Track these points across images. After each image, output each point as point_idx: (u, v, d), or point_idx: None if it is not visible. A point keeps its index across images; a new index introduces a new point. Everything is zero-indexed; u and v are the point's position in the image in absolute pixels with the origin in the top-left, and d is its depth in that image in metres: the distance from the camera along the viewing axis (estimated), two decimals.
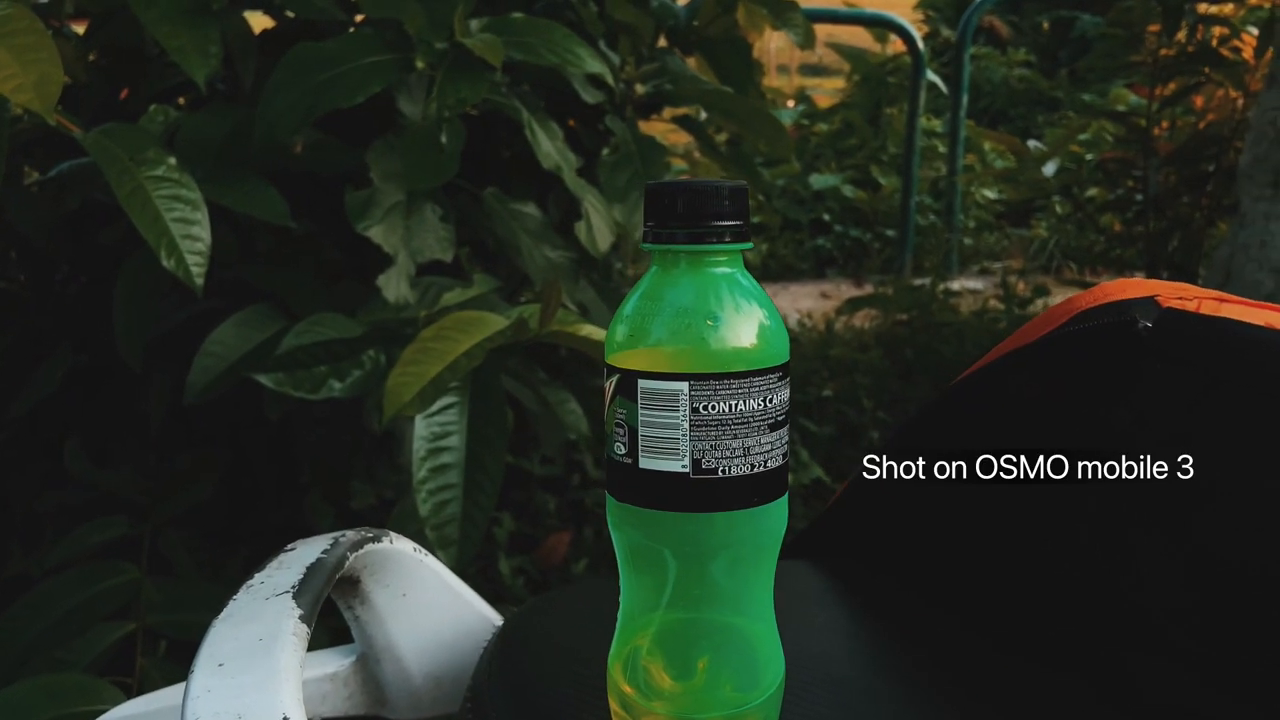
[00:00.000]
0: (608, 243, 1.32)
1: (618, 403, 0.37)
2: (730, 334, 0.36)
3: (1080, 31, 7.46)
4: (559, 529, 1.80)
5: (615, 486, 0.38)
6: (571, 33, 1.29)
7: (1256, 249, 1.87)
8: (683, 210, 0.36)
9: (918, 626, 0.49)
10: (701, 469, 0.36)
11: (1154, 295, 0.49)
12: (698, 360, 0.35)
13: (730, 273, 0.37)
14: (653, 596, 0.38)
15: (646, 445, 0.36)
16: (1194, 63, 1.96)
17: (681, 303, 0.36)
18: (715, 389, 0.35)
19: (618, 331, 0.38)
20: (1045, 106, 6.42)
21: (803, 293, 3.20)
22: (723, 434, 0.35)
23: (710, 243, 0.36)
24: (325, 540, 0.50)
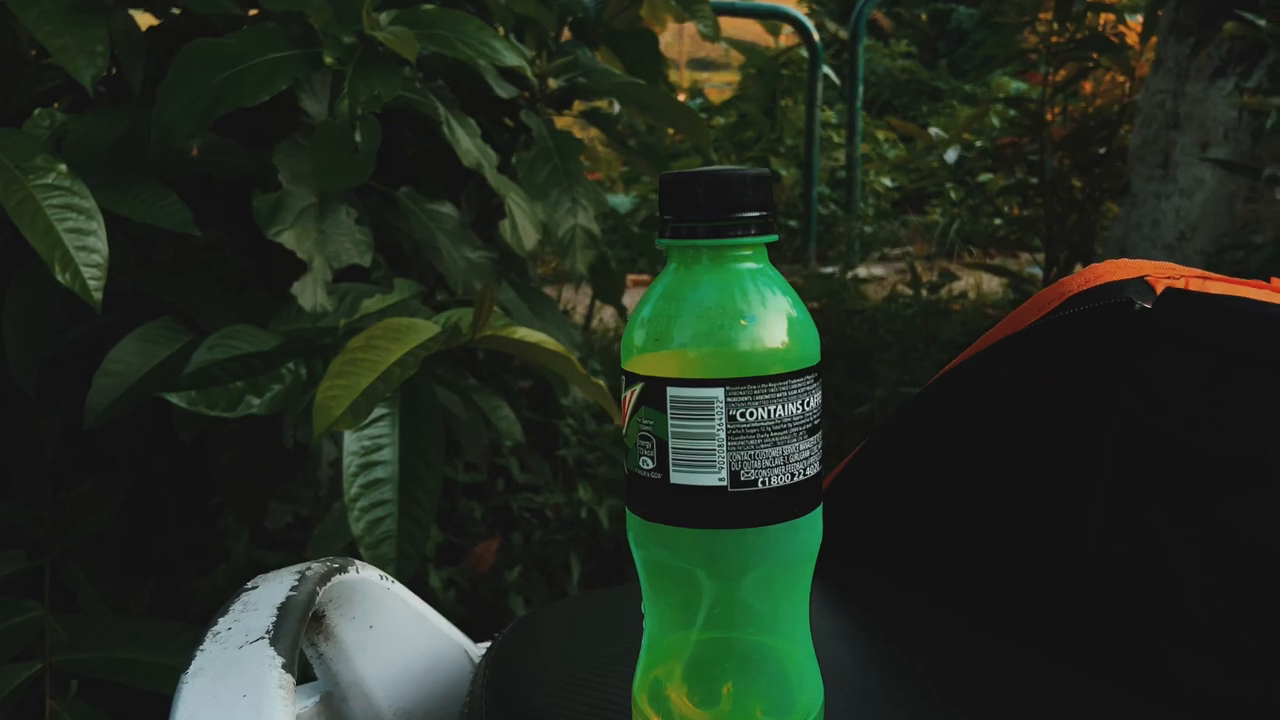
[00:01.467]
0: (533, 241, 1.28)
1: (642, 413, 0.34)
2: (766, 334, 0.33)
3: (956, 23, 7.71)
4: (486, 536, 1.75)
5: (642, 504, 0.35)
6: (485, 24, 1.25)
7: (1149, 227, 1.95)
8: (704, 202, 0.33)
9: (930, 630, 0.47)
10: (740, 481, 0.33)
11: (1143, 275, 0.49)
12: (733, 364, 0.33)
13: (758, 268, 0.34)
14: (680, 619, 0.36)
15: (679, 458, 0.33)
16: (1084, 49, 2.03)
17: (709, 302, 0.34)
18: (753, 394, 0.33)
19: (637, 335, 0.35)
20: (929, 96, 6.61)
21: None
22: (762, 442, 0.33)
23: (735, 236, 0.34)
24: (290, 575, 0.46)
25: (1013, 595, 0.50)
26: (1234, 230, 1.82)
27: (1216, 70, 1.79)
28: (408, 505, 1.02)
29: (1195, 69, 1.83)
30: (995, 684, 0.42)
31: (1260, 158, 1.74)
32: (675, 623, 0.36)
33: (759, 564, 0.34)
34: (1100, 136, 2.08)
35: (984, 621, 0.48)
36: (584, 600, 0.55)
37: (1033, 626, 0.47)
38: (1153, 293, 0.47)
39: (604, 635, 0.50)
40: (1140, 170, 1.96)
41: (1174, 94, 1.87)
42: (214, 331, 1.04)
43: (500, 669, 0.47)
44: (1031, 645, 0.46)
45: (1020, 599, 0.50)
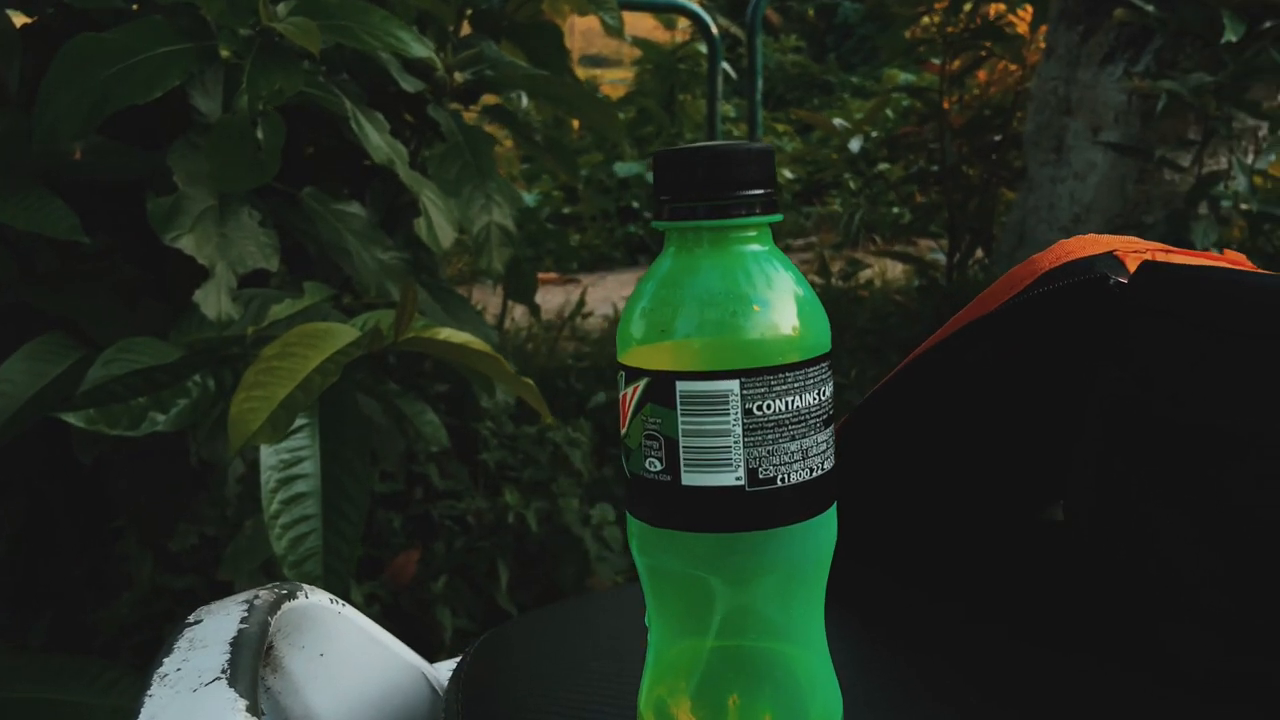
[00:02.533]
0: (450, 239, 1.24)
1: (647, 411, 0.31)
2: (781, 320, 0.31)
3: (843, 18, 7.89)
4: (406, 547, 1.69)
5: (649, 510, 0.32)
6: (390, 15, 1.20)
7: (1046, 210, 2.01)
8: (705, 180, 0.31)
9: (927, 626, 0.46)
10: (759, 479, 0.31)
11: (1112, 250, 0.48)
12: (748, 353, 0.30)
13: (764, 250, 0.32)
14: (689, 628, 0.33)
15: (692, 458, 0.31)
16: (977, 38, 2.08)
17: (716, 287, 0.31)
18: (770, 385, 0.30)
19: (636, 326, 0.32)
20: (820, 90, 6.74)
21: (620, 281, 3.18)
22: (781, 436, 0.31)
23: (739, 215, 0.31)
24: (236, 606, 0.42)
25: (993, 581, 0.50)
26: (1126, 211, 1.89)
27: (1106, 56, 1.85)
28: (333, 519, 0.97)
29: (1085, 56, 1.89)
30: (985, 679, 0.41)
31: (1149, 140, 1.81)
32: (683, 632, 0.33)
33: (776, 568, 0.31)
34: (996, 124, 2.14)
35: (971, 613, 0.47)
36: (547, 614, 0.52)
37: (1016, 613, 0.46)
38: (1123, 267, 0.47)
39: (576, 649, 0.47)
40: (1035, 155, 2.02)
41: (1066, 80, 1.93)
42: (108, 345, 0.97)
43: (474, 691, 0.44)
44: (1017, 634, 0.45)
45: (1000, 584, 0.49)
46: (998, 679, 0.41)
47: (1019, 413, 0.50)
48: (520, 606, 1.54)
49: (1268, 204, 1.69)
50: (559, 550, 1.51)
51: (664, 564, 0.32)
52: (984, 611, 0.47)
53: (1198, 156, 1.75)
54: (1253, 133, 1.75)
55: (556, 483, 1.54)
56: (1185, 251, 0.50)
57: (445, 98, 1.49)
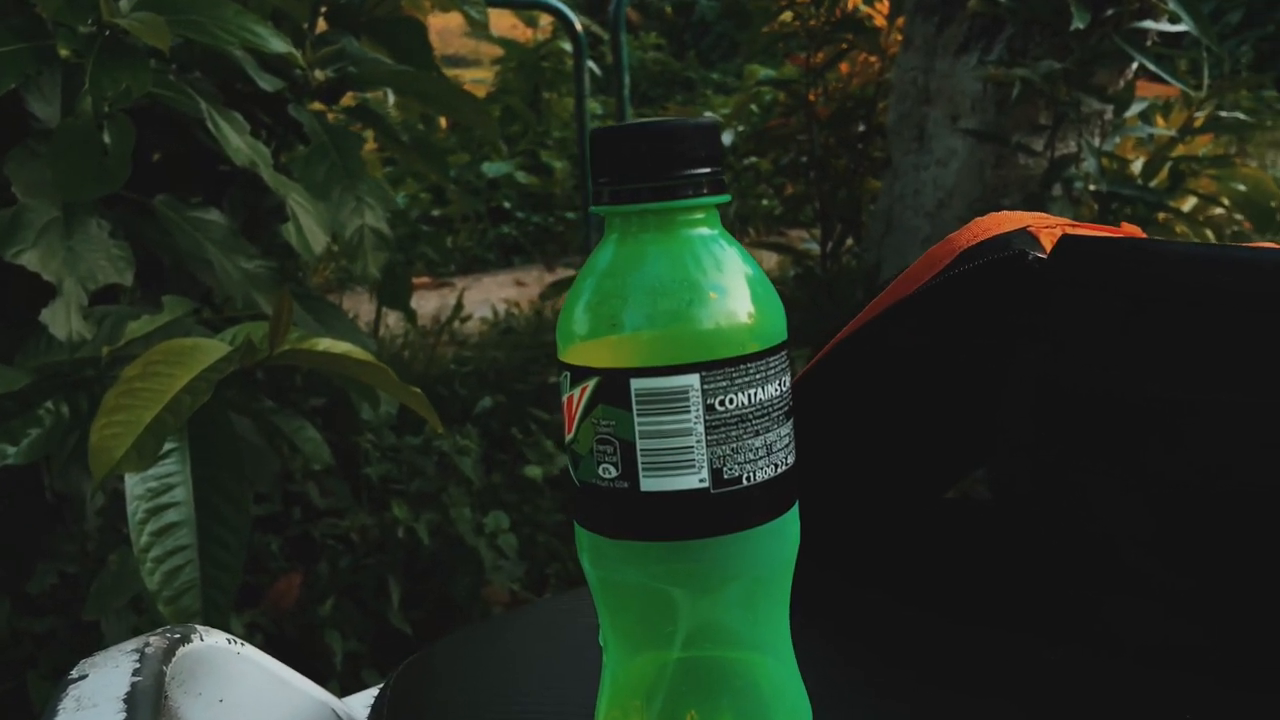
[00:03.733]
0: (322, 244, 1.17)
1: (598, 414, 0.28)
2: (738, 307, 0.29)
3: (700, 15, 7.99)
4: (286, 571, 1.61)
5: (604, 520, 0.29)
6: (244, 9, 1.13)
7: (911, 198, 2.06)
8: (649, 159, 0.29)
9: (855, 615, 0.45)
10: (724, 480, 0.28)
11: (1025, 226, 0.48)
12: (707, 344, 0.28)
13: (714, 233, 0.30)
14: (648, 644, 0.31)
15: (650, 461, 0.28)
16: (838, 31, 2.12)
17: (667, 275, 0.29)
18: (732, 377, 0.28)
19: (579, 321, 0.29)
20: (681, 86, 6.80)
21: (496, 283, 3.13)
22: (744, 432, 0.28)
23: (686, 196, 0.29)
24: (125, 657, 0.37)
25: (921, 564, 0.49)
26: (985, 195, 1.96)
27: (961, 46, 1.92)
28: (210, 549, 0.91)
29: (942, 46, 1.95)
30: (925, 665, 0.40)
31: (1005, 126, 1.88)
32: (641, 647, 0.31)
33: (742, 573, 0.29)
34: (860, 115, 2.19)
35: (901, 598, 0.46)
36: (470, 636, 0.49)
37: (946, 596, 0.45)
38: (1038, 242, 0.47)
39: (507, 673, 0.44)
40: (899, 144, 2.08)
41: (924, 70, 1.99)
42: None
43: None
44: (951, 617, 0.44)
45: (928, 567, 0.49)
46: (937, 664, 0.40)
47: (940, 393, 0.50)
48: (414, 624, 1.49)
49: (1115, 184, 1.78)
50: (452, 562, 1.46)
51: (621, 577, 0.30)
52: (914, 595, 0.46)
53: (1050, 141, 1.83)
54: (1099, 116, 1.84)
55: (447, 493, 1.49)
56: (1090, 225, 0.51)
57: (306, 97, 1.42)
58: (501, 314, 2.43)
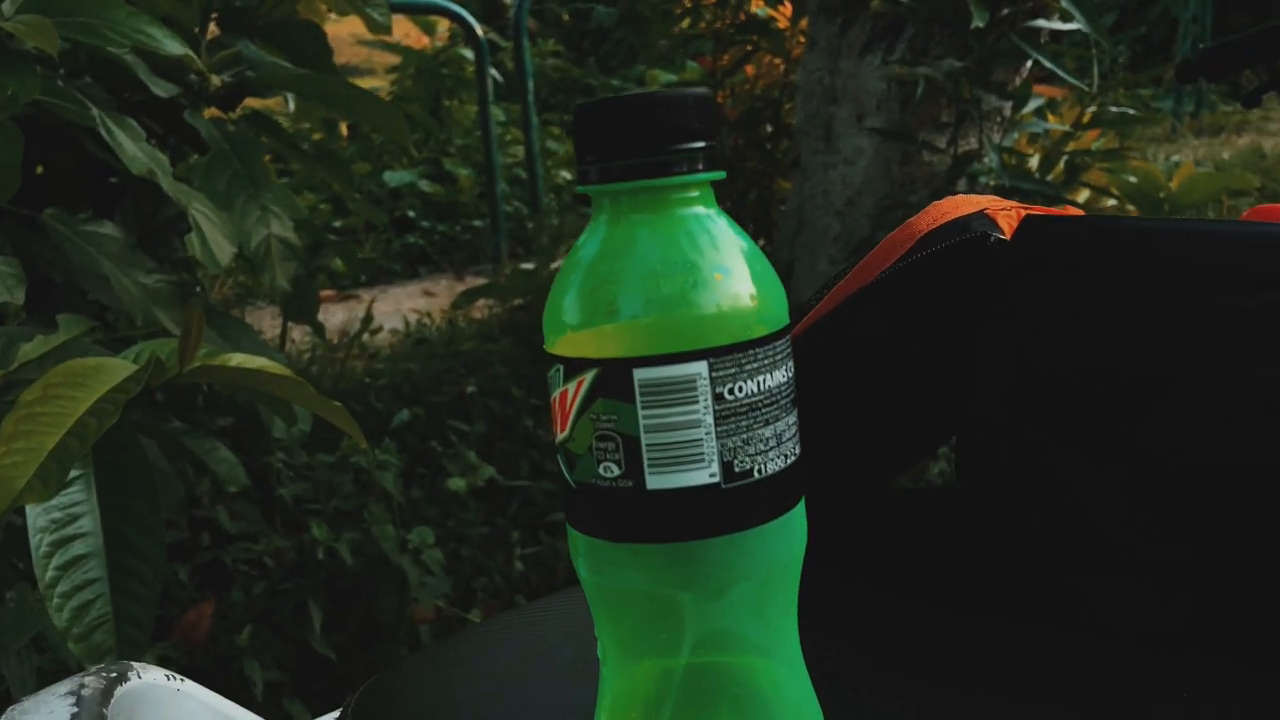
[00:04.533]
0: (229, 255, 1.12)
1: (598, 408, 0.26)
2: (743, 289, 0.27)
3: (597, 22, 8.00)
4: (197, 600, 1.53)
5: (607, 523, 0.27)
6: (137, 10, 1.07)
7: (821, 196, 2.09)
8: (641, 133, 0.27)
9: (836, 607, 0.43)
10: (735, 473, 0.27)
11: (982, 209, 0.48)
12: (714, 329, 0.26)
13: (710, 211, 0.28)
14: (649, 652, 0.29)
15: (657, 457, 0.26)
16: (743, 33, 2.14)
17: (667, 256, 0.27)
18: (741, 364, 0.26)
19: (571, 309, 0.27)
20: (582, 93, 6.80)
21: (404, 294, 3.05)
22: (754, 422, 0.27)
23: (682, 172, 0.27)
24: (60, 700, 0.33)
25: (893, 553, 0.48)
26: (893, 192, 1.99)
27: (864, 47, 1.95)
28: (122, 580, 0.85)
29: (846, 47, 1.98)
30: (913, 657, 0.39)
31: (909, 124, 1.92)
32: (641, 656, 0.29)
33: (752, 573, 0.27)
34: (767, 116, 2.21)
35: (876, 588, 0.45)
36: (431, 656, 0.46)
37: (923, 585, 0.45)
38: (995, 224, 0.47)
39: (474, 693, 0.42)
40: (807, 144, 2.10)
41: (829, 71, 2.01)
42: None
43: None
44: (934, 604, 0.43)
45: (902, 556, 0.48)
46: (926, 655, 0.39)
47: (901, 378, 0.49)
48: (337, 648, 1.43)
49: (1015, 178, 1.83)
50: (376, 582, 1.41)
51: (622, 583, 0.28)
52: (891, 585, 0.45)
53: (953, 138, 1.87)
54: (999, 112, 1.89)
55: (368, 510, 1.44)
56: (1037, 207, 0.51)
57: (201, 103, 1.36)
58: (413, 325, 2.37)
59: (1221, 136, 4.06)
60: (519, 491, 1.79)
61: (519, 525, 1.76)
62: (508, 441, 1.88)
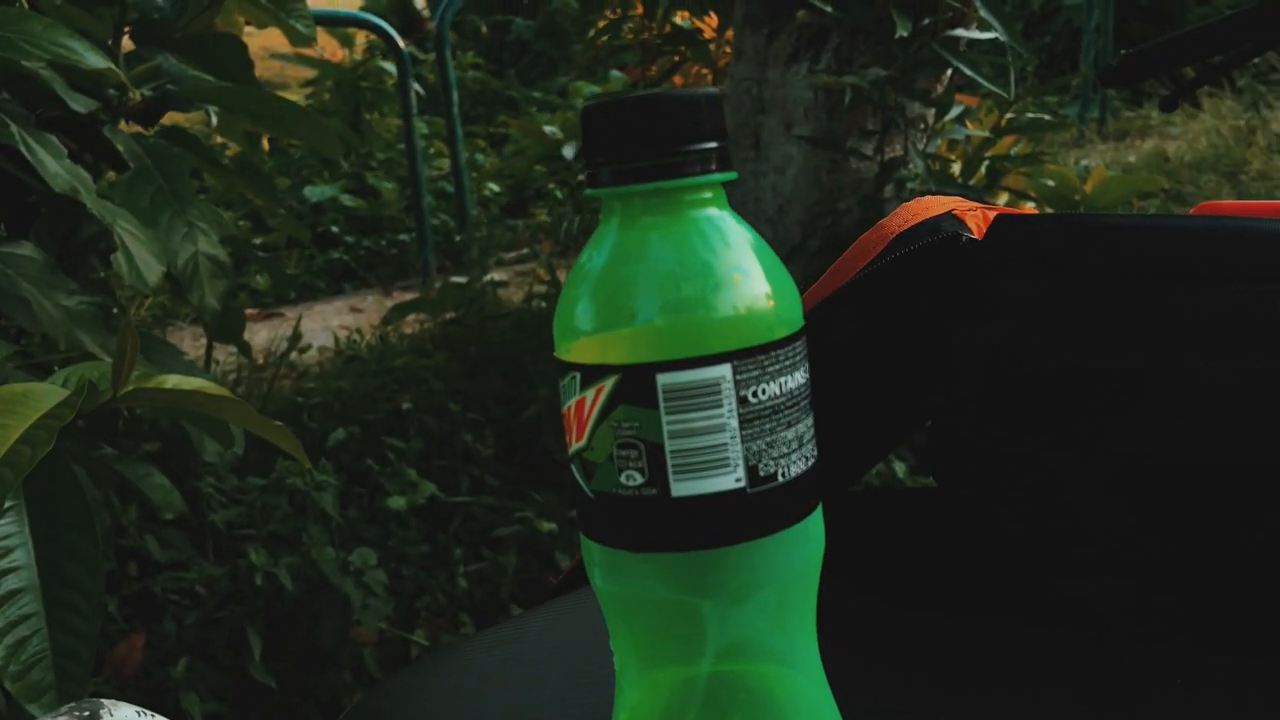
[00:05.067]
0: (158, 274, 1.08)
1: (619, 415, 0.26)
2: (762, 290, 0.27)
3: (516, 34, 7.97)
4: (127, 633, 1.47)
5: (630, 532, 0.27)
6: (56, 23, 1.03)
7: (753, 204, 2.11)
8: (655, 134, 0.26)
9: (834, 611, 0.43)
10: (759, 477, 0.26)
11: (951, 209, 0.49)
12: (737, 331, 0.26)
13: (724, 213, 0.28)
14: (665, 663, 0.28)
15: (682, 462, 0.26)
16: (670, 44, 2.15)
17: (685, 258, 0.26)
18: (764, 365, 0.26)
19: (586, 314, 0.26)
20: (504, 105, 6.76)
21: (331, 310, 2.99)
22: (778, 424, 0.26)
23: (696, 173, 0.27)
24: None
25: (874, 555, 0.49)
26: (822, 199, 2.02)
27: (791, 56, 1.98)
28: (60, 615, 0.82)
29: (773, 56, 2.00)
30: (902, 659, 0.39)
31: (837, 132, 1.95)
32: (659, 667, 0.28)
33: (776, 579, 0.27)
34: None
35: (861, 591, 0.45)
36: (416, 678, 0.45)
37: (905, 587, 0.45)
38: (964, 224, 0.48)
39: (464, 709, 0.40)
40: (736, 153, 2.12)
41: (757, 80, 2.04)
42: None
43: None
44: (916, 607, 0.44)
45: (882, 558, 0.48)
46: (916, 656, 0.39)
47: (877, 380, 0.50)
48: (278, 675, 1.39)
49: (941, 184, 1.87)
50: (317, 606, 1.37)
51: (642, 593, 0.27)
52: (874, 588, 0.45)
53: (879, 145, 1.91)
54: (922, 119, 1.94)
55: (306, 533, 1.40)
56: (994, 207, 0.52)
57: (120, 119, 1.31)
58: (343, 342, 2.32)
59: (1126, 141, 4.22)
60: (460, 508, 1.77)
61: (461, 542, 1.73)
62: (446, 457, 1.85)
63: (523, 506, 1.75)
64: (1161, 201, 2.96)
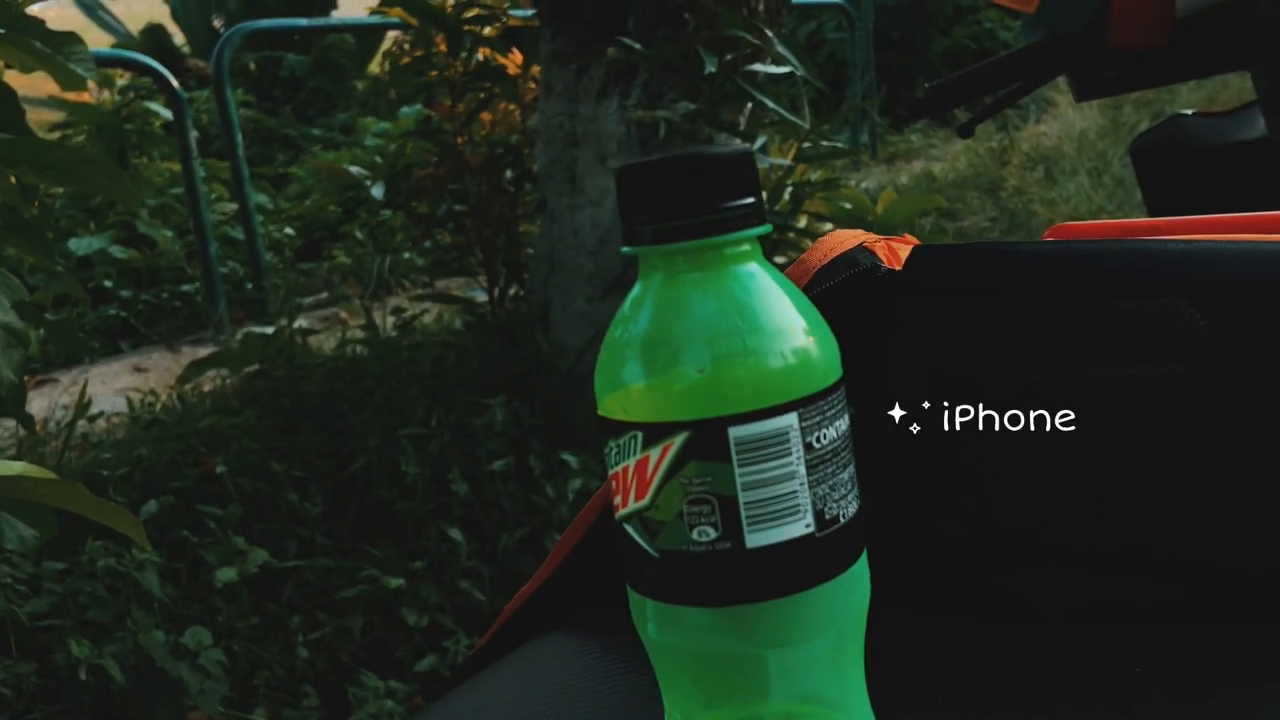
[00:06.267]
0: None
1: (690, 471, 0.25)
2: (815, 339, 0.27)
3: (290, 70, 7.68)
4: None
5: (704, 589, 0.26)
6: None
7: (572, 238, 2.13)
8: (695, 193, 0.26)
9: None
10: (826, 521, 0.26)
11: (861, 242, 0.51)
12: (801, 379, 0.26)
13: (763, 266, 0.28)
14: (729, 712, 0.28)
15: (756, 514, 0.25)
16: (478, 80, 2.14)
17: (741, 312, 0.26)
18: (823, 411, 0.26)
19: (640, 372, 0.26)
20: (279, 143, 6.48)
21: (111, 372, 2.75)
22: (836, 467, 0.27)
23: (736, 229, 0.27)
24: None
25: None
26: None
27: (601, 91, 2.01)
28: None
29: (583, 92, 2.03)
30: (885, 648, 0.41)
31: None
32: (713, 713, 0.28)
33: (835, 622, 0.27)
34: (508, 161, 2.22)
35: None
36: None
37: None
38: (875, 256, 0.50)
39: None
40: (551, 188, 2.13)
41: (569, 116, 2.06)
42: None
43: None
44: None
45: None
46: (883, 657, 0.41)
47: None
48: None
49: None
50: (148, 694, 1.25)
51: (703, 645, 0.27)
52: None
53: None
54: None
55: (130, 617, 1.28)
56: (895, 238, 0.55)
57: None
58: (137, 405, 2.15)
59: (897, 165, 4.57)
60: (291, 573, 1.67)
61: (296, 609, 1.64)
62: (269, 520, 1.74)
63: (361, 564, 1.67)
64: (935, 218, 3.22)
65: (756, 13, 1.94)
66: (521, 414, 1.90)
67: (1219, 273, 0.41)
